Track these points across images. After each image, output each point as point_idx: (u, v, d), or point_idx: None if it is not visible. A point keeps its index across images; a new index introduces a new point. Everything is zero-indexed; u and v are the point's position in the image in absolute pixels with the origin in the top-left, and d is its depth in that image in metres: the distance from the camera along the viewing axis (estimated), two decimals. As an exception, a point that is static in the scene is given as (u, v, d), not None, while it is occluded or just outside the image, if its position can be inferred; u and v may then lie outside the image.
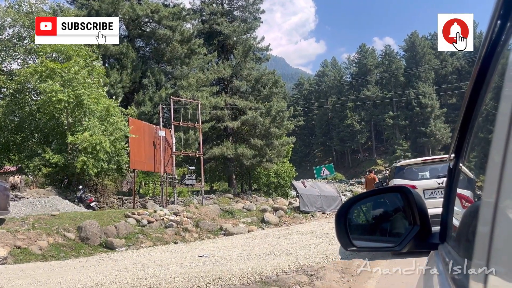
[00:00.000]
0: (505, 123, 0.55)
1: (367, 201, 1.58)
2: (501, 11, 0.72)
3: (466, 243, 0.94)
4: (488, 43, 0.84)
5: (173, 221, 10.99)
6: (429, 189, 6.88)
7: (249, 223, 12.32)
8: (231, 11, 30.47)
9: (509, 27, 0.71)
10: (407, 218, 1.37)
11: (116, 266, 6.95)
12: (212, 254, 7.52)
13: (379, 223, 1.62)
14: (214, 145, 27.08)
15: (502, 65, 0.73)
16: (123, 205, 17.23)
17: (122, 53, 21.15)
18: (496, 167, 0.59)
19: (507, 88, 0.60)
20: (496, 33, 0.79)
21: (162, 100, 22.06)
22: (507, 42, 0.72)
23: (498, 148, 0.60)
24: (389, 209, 1.57)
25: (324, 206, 15.35)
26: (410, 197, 1.36)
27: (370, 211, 1.63)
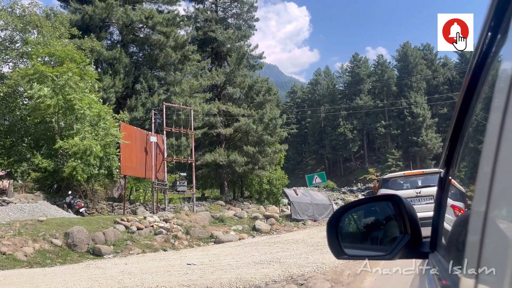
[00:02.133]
0: (495, 133, 0.55)
1: (358, 209, 1.58)
2: (491, 23, 0.71)
3: (456, 252, 0.94)
4: (478, 54, 0.84)
5: (163, 228, 10.84)
6: (409, 198, 7.88)
7: (240, 231, 12.20)
8: (226, 19, 30.61)
9: (500, 38, 0.71)
10: (398, 227, 1.37)
11: (102, 274, 6.82)
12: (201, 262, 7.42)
13: (370, 231, 1.61)
14: (207, 152, 27.00)
15: (492, 76, 0.73)
16: (113, 211, 17.02)
17: (115, 58, 21.07)
18: (486, 177, 0.59)
19: (497, 100, 0.59)
20: (487, 45, 0.79)
21: (155, 106, 21.98)
22: (497, 53, 0.72)
23: (488, 158, 0.59)
24: (381, 217, 1.57)
25: (315, 214, 15.29)
26: (401, 206, 1.36)
27: (362, 219, 1.63)
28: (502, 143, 0.51)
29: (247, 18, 30.46)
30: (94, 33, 21.29)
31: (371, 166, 70.61)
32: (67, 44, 17.06)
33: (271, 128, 28.04)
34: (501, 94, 0.56)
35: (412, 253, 1.32)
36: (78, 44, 19.21)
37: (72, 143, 14.10)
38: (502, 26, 0.65)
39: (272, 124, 27.81)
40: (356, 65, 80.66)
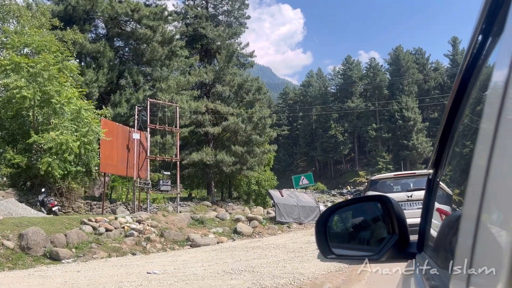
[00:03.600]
0: (487, 137, 0.54)
1: (347, 210, 1.58)
2: (482, 26, 0.70)
3: (444, 253, 0.95)
4: (469, 57, 0.83)
5: (134, 230, 10.07)
6: (399, 201, 7.18)
7: (219, 234, 11.52)
8: (216, 16, 29.99)
9: (490, 42, 0.70)
10: (386, 227, 1.39)
11: (41, 285, 6.08)
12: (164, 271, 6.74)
13: (358, 231, 1.63)
14: (194, 151, 26.33)
15: (483, 80, 0.73)
16: (91, 210, 16.28)
17: (99, 52, 20.33)
18: (478, 180, 0.57)
19: (489, 103, 0.59)
20: (478, 48, 0.79)
21: (139, 102, 21.26)
22: (488, 56, 0.71)
23: (480, 162, 0.59)
24: (369, 217, 1.57)
25: (301, 216, 14.70)
26: (389, 206, 1.36)
27: (350, 219, 1.63)
28: (495, 148, 0.51)
29: (238, 16, 29.88)
30: (77, 25, 20.54)
31: (362, 169, 70.47)
32: (45, 34, 16.28)
33: (260, 128, 27.49)
34: (494, 98, 0.55)
35: (400, 254, 1.33)
36: (60, 35, 18.44)
37: (48, 138, 13.35)
38: (493, 29, 0.64)
39: (261, 124, 27.26)
40: (349, 67, 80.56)
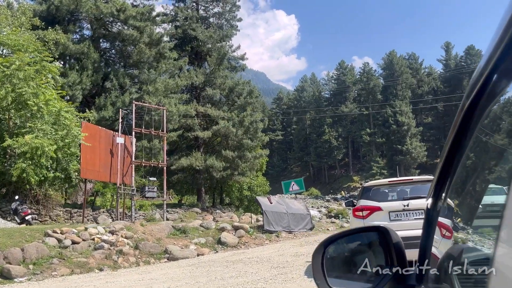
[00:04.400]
0: None
1: (345, 240, 1.56)
2: (495, 62, 0.64)
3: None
4: (477, 90, 0.80)
5: (105, 242, 9.21)
6: (394, 211, 6.67)
7: (202, 245, 10.70)
8: (207, 18, 29.36)
9: (496, 79, 0.68)
10: (384, 258, 1.35)
11: None
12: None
13: (357, 263, 1.53)
14: (183, 156, 25.56)
15: (490, 118, 0.74)
16: (71, 219, 15.44)
17: (83, 53, 19.56)
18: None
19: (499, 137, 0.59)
20: (488, 82, 0.75)
21: (126, 105, 20.51)
22: (499, 92, 0.70)
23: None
24: (367, 248, 1.55)
25: (291, 225, 13.93)
26: (387, 237, 1.35)
27: (348, 250, 1.60)
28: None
29: (229, 18, 29.28)
30: (61, 25, 19.80)
31: (356, 174, 69.96)
32: (22, 33, 15.52)
33: (251, 132, 26.80)
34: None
35: (399, 286, 1.29)
36: (41, 35, 17.68)
37: (22, 142, 12.54)
38: (504, 65, 0.60)
39: (253, 128, 26.58)
40: (342, 72, 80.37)
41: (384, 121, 67.26)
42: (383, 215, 6.60)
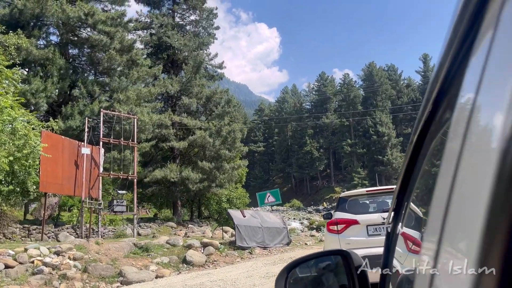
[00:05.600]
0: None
1: (308, 264, 1.56)
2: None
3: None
4: (423, 123, 0.87)
5: (47, 265, 8.06)
6: (373, 225, 5.87)
7: (164, 265, 9.61)
8: (183, 25, 28.62)
9: (441, 114, 0.73)
10: (347, 282, 1.36)
11: None
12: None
13: (320, 287, 1.61)
14: (158, 167, 24.46)
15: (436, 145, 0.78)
16: (29, 236, 14.16)
17: (48, 59, 18.45)
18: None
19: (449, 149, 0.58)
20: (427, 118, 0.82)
21: (95, 114, 19.40)
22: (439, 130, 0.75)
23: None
24: (331, 271, 1.54)
25: (266, 240, 12.93)
26: (350, 262, 1.35)
27: (312, 273, 1.60)
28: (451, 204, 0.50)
29: (206, 26, 28.60)
30: (25, 30, 18.69)
31: (338, 185, 69.70)
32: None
33: (229, 142, 25.96)
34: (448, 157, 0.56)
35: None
36: (1, 40, 16.52)
37: (-31, 152, 11.35)
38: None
39: (231, 138, 25.75)
40: (323, 83, 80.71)
41: (365, 131, 67.51)
42: (360, 229, 5.82)
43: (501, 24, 0.38)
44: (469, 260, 0.37)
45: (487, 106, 0.41)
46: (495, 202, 0.33)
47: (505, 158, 0.32)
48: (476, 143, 0.43)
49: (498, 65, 0.39)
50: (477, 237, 0.35)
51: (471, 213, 0.39)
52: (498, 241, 0.32)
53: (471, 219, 0.38)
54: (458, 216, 0.47)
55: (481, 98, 0.43)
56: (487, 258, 0.34)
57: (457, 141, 0.49)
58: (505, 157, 0.32)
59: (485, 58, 0.42)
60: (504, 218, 0.32)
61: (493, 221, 0.33)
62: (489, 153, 0.36)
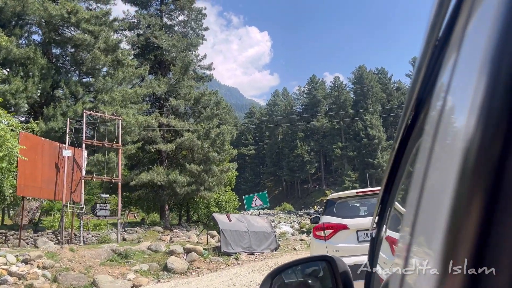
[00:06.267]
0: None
1: (294, 270, 1.56)
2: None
3: None
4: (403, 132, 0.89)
5: (12, 274, 7.51)
6: (364, 230, 5.30)
7: (143, 272, 9.06)
8: (171, 26, 28.14)
9: (422, 118, 0.74)
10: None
11: None
12: None
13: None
14: (144, 171, 23.87)
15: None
16: (6, 242, 13.52)
17: (29, 58, 17.84)
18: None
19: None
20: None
21: (78, 116, 18.78)
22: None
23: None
24: (316, 277, 1.53)
25: (253, 245, 12.41)
26: (334, 268, 1.34)
27: (296, 280, 1.58)
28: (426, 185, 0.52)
29: (195, 26, 28.17)
30: (6, 28, 18.09)
31: (328, 188, 69.52)
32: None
33: (218, 145, 25.48)
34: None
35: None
36: (-21, 38, 15.95)
37: None
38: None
39: (219, 140, 25.28)
40: (314, 87, 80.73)
41: (355, 134, 67.57)
42: (349, 234, 5.30)
43: (468, 31, 0.42)
44: (434, 259, 0.38)
45: (454, 109, 0.43)
46: (457, 200, 0.34)
47: (467, 157, 0.34)
48: (444, 143, 0.45)
49: (463, 72, 0.42)
50: (441, 235, 0.36)
51: (436, 211, 0.41)
52: (461, 239, 0.33)
53: (436, 218, 0.39)
54: (426, 215, 0.48)
55: (449, 102, 0.45)
56: (451, 256, 0.34)
57: (428, 141, 0.51)
58: (467, 156, 0.34)
59: (454, 64, 0.45)
60: (465, 216, 0.33)
61: (455, 219, 0.34)
62: (453, 153, 0.37)
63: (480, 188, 0.32)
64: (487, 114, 0.33)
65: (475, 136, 0.33)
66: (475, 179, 0.33)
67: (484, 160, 0.32)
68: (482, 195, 0.32)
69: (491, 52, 0.33)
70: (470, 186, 0.33)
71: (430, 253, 0.41)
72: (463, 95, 0.38)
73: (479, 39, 0.37)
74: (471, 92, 0.35)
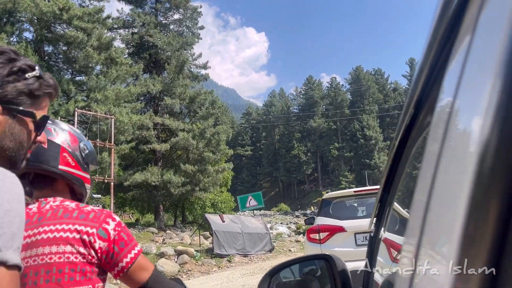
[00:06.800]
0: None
1: (292, 269, 1.53)
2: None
3: None
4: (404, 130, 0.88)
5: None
6: (362, 233, 4.91)
7: None
8: (167, 25, 27.85)
9: (423, 117, 0.73)
10: (331, 287, 1.33)
11: None
12: None
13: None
14: (138, 171, 23.54)
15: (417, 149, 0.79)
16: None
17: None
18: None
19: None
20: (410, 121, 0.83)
21: (70, 115, 18.45)
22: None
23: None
24: (314, 276, 1.53)
25: (247, 247, 12.09)
26: (332, 267, 1.32)
27: (295, 278, 1.57)
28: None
29: (190, 25, 27.89)
30: (-4, 26, 17.75)
31: (325, 189, 69.33)
32: None
33: (214, 145, 25.19)
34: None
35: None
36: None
37: None
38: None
39: (215, 140, 24.98)
40: (310, 87, 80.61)
41: (352, 135, 67.46)
42: (346, 237, 4.93)
43: (478, 29, 0.40)
44: (448, 263, 0.37)
45: (465, 110, 0.42)
46: (473, 204, 0.34)
47: (482, 161, 0.33)
48: (454, 146, 0.44)
49: (475, 69, 0.40)
50: (456, 240, 0.36)
51: (449, 215, 0.40)
52: (477, 244, 0.33)
53: (450, 222, 0.39)
54: (437, 219, 0.48)
55: (459, 102, 0.44)
56: (466, 260, 0.34)
57: (436, 144, 0.51)
58: (482, 160, 0.33)
59: (463, 62, 0.44)
60: (481, 220, 0.33)
61: (471, 223, 0.34)
62: (466, 156, 0.37)
63: (497, 192, 0.32)
64: (505, 116, 0.32)
65: (491, 139, 0.32)
66: (492, 183, 0.32)
67: (502, 164, 0.32)
68: (500, 200, 0.31)
69: (509, 44, 0.32)
70: (487, 189, 0.32)
71: (442, 257, 0.40)
72: (476, 96, 0.37)
73: (495, 29, 0.35)
74: (486, 93, 0.34)
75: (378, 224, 1.40)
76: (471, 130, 0.37)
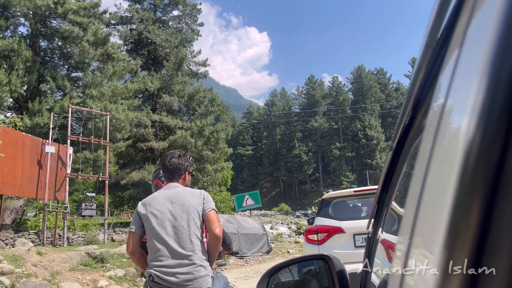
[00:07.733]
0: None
1: (290, 269, 1.55)
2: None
3: None
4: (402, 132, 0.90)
5: None
6: (361, 234, 4.65)
7: (118, 279, 8.22)
8: (165, 21, 27.40)
9: (421, 118, 0.74)
10: (329, 287, 1.35)
11: None
12: None
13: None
14: (136, 169, 23.13)
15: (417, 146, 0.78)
16: (-18, 243, 12.70)
17: (13, 50, 17.07)
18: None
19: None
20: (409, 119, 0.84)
21: (65, 111, 18.02)
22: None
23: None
24: (313, 276, 1.53)
25: (243, 248, 11.63)
26: (331, 267, 1.33)
27: (294, 278, 1.58)
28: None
29: (189, 22, 27.42)
30: (-10, 20, 17.35)
31: (326, 189, 68.79)
32: None
33: (212, 143, 24.75)
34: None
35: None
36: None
37: None
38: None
39: (214, 138, 24.53)
40: (312, 87, 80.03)
41: (354, 135, 66.90)
42: (346, 239, 4.66)
43: (467, 39, 0.42)
44: (434, 260, 0.38)
45: (454, 111, 0.44)
46: (457, 202, 0.35)
47: (466, 161, 0.34)
48: (444, 145, 0.46)
49: (464, 73, 0.42)
50: (441, 236, 0.36)
51: (436, 213, 0.42)
52: (461, 240, 0.34)
53: (436, 219, 0.40)
54: (426, 216, 0.49)
55: (450, 103, 0.46)
56: (451, 257, 0.35)
57: (428, 143, 0.52)
58: (466, 159, 0.34)
59: (454, 64, 0.45)
60: (465, 217, 0.34)
61: (455, 220, 0.35)
62: (453, 156, 0.38)
63: (479, 189, 0.32)
64: (488, 116, 0.33)
65: (475, 138, 0.33)
66: (474, 181, 0.33)
67: (484, 162, 0.32)
68: (482, 197, 0.32)
69: (492, 53, 0.34)
70: (470, 187, 0.33)
71: (430, 253, 0.41)
72: (464, 96, 0.38)
73: (481, 40, 0.37)
74: (472, 93, 0.35)
75: (376, 225, 1.40)
76: (459, 131, 0.38)
